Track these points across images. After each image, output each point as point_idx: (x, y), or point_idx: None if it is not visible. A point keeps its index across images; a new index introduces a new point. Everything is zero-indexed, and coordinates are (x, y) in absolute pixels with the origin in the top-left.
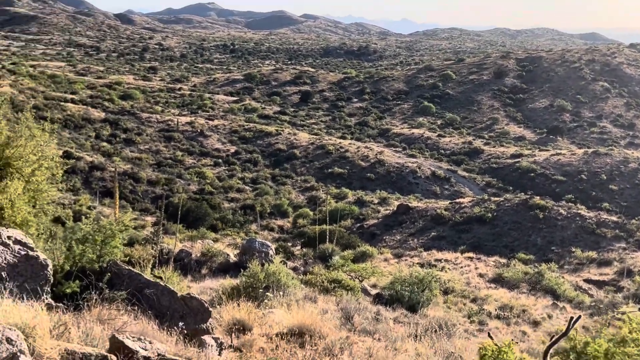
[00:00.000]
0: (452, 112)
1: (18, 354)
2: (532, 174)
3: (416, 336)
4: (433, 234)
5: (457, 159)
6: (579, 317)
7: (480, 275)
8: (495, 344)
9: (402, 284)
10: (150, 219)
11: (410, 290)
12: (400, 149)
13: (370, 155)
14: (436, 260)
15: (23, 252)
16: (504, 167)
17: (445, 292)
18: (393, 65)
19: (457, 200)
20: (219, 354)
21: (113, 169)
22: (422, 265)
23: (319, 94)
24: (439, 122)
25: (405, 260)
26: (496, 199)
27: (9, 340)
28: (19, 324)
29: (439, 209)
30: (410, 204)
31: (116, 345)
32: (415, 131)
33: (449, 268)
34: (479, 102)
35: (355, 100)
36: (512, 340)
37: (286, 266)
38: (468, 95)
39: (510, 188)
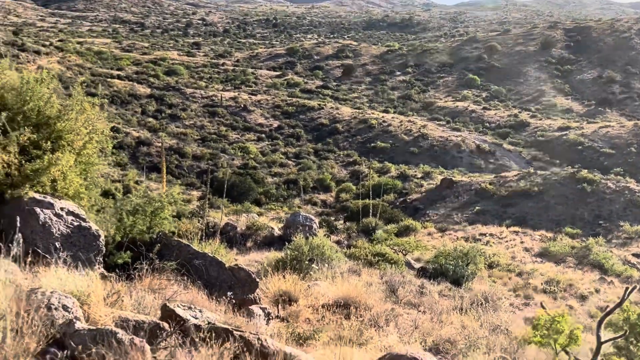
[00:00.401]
0: (497, 84)
1: (74, 320)
2: (580, 147)
3: (461, 309)
4: (477, 208)
5: (502, 132)
6: (635, 287)
7: (526, 250)
8: (548, 314)
9: (447, 258)
10: (195, 193)
11: (454, 264)
12: (444, 123)
13: (414, 129)
14: (481, 234)
15: (76, 223)
16: (550, 140)
17: (490, 266)
18: (437, 38)
19: (502, 174)
20: (267, 324)
21: (159, 144)
22: (466, 240)
23: (362, 68)
24: (483, 94)
25: (449, 234)
26: (542, 172)
27: (65, 307)
28: (74, 292)
29: (484, 183)
30: (454, 178)
31: (167, 314)
32: (460, 104)
33: (493, 242)
34: (525, 74)
35: (399, 73)
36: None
37: (330, 240)
38: (514, 67)
39: (557, 161)
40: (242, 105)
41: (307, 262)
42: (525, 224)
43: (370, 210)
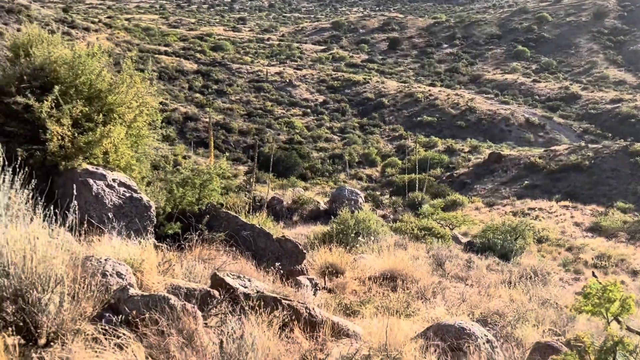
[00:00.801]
0: (547, 56)
1: (127, 286)
2: (633, 120)
3: (510, 283)
4: (526, 182)
5: (552, 105)
6: None
7: (576, 224)
8: (600, 282)
9: (494, 232)
10: (242, 168)
11: (502, 239)
12: (492, 96)
13: (461, 102)
14: (530, 208)
15: (127, 194)
16: (602, 113)
17: (539, 240)
18: (485, 9)
19: (552, 148)
20: (314, 294)
21: (206, 120)
22: (514, 214)
23: (408, 41)
24: (533, 66)
25: (497, 209)
26: (594, 145)
27: (118, 274)
28: (127, 260)
29: (533, 156)
30: (502, 152)
31: (217, 282)
32: (509, 77)
33: (543, 217)
34: (577, 45)
35: (445, 46)
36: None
37: (375, 214)
38: (565, 38)
39: (609, 135)
40: (288, 80)
41: (353, 236)
42: (575, 198)
43: (417, 185)
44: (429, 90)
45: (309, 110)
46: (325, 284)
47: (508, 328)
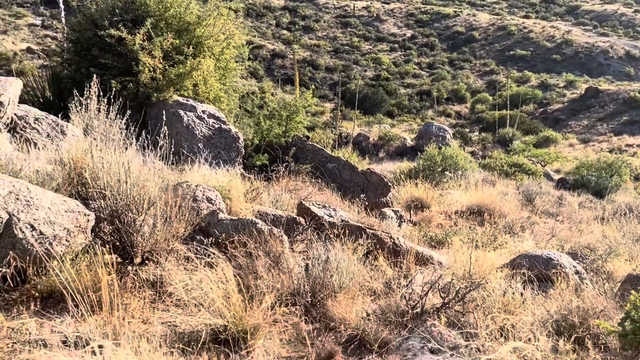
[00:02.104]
0: None
1: (217, 211)
2: None
3: (602, 219)
4: (625, 118)
5: None
6: None
7: None
8: None
9: (589, 169)
10: (328, 105)
11: (597, 176)
12: (590, 28)
13: (557, 35)
14: (627, 145)
15: (217, 125)
16: None
17: (637, 178)
18: None
19: None
20: (399, 226)
21: (292, 57)
22: (611, 151)
23: None
24: None
25: (593, 145)
26: None
27: (208, 200)
28: (216, 187)
29: (633, 91)
30: (599, 87)
31: (303, 211)
32: (608, 7)
33: None
34: None
35: None
36: None
37: (464, 151)
38: None
39: None
40: (375, 15)
41: (439, 172)
42: None
43: (507, 121)
44: (523, 23)
45: (396, 45)
46: (410, 217)
47: (599, 262)
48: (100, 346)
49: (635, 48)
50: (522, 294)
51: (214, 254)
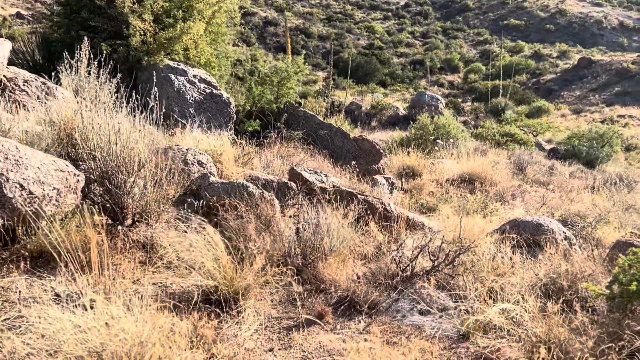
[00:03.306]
0: None
1: (208, 174)
2: None
3: (593, 188)
4: (617, 89)
5: None
6: None
7: None
8: None
9: (580, 139)
10: (321, 74)
11: (588, 145)
12: None
13: (551, 4)
14: (619, 116)
15: (208, 90)
16: None
17: (628, 149)
18: None
19: None
20: (390, 193)
21: (285, 25)
22: (603, 122)
23: None
24: None
25: (585, 116)
26: None
27: (199, 163)
28: (207, 151)
29: (626, 62)
30: (592, 57)
31: (295, 176)
32: None
33: (633, 124)
34: None
35: None
36: None
37: (456, 120)
38: None
39: None
40: None
41: (431, 140)
42: None
43: (500, 91)
44: None
45: (390, 14)
46: (402, 185)
47: (588, 228)
48: (92, 300)
49: (629, 18)
50: (511, 258)
51: (202, 221)
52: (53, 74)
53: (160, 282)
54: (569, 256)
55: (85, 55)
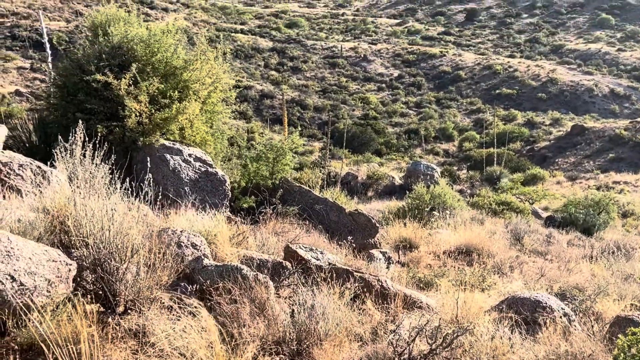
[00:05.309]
0: (633, 23)
1: (202, 257)
2: None
3: (591, 257)
4: (611, 155)
5: (638, 74)
6: None
7: None
8: None
9: (577, 207)
10: (317, 144)
11: (585, 213)
12: (574, 66)
13: (542, 73)
14: (614, 182)
15: (203, 169)
16: None
17: (624, 215)
18: None
19: (639, 119)
20: (387, 267)
21: (281, 97)
22: (598, 188)
23: (486, 11)
24: (618, 35)
25: (580, 182)
26: None
27: (193, 245)
28: (202, 232)
29: (618, 128)
30: (585, 125)
31: (290, 254)
32: (592, 46)
33: (628, 190)
34: None
35: (525, 15)
36: None
37: (452, 189)
38: None
39: None
40: (362, 55)
41: (428, 211)
42: None
43: (495, 159)
44: (508, 62)
45: (384, 85)
46: (399, 258)
47: (587, 302)
48: None
49: (619, 86)
50: (510, 339)
51: (196, 306)
52: (50, 156)
53: None
54: (569, 334)
55: (80, 138)
